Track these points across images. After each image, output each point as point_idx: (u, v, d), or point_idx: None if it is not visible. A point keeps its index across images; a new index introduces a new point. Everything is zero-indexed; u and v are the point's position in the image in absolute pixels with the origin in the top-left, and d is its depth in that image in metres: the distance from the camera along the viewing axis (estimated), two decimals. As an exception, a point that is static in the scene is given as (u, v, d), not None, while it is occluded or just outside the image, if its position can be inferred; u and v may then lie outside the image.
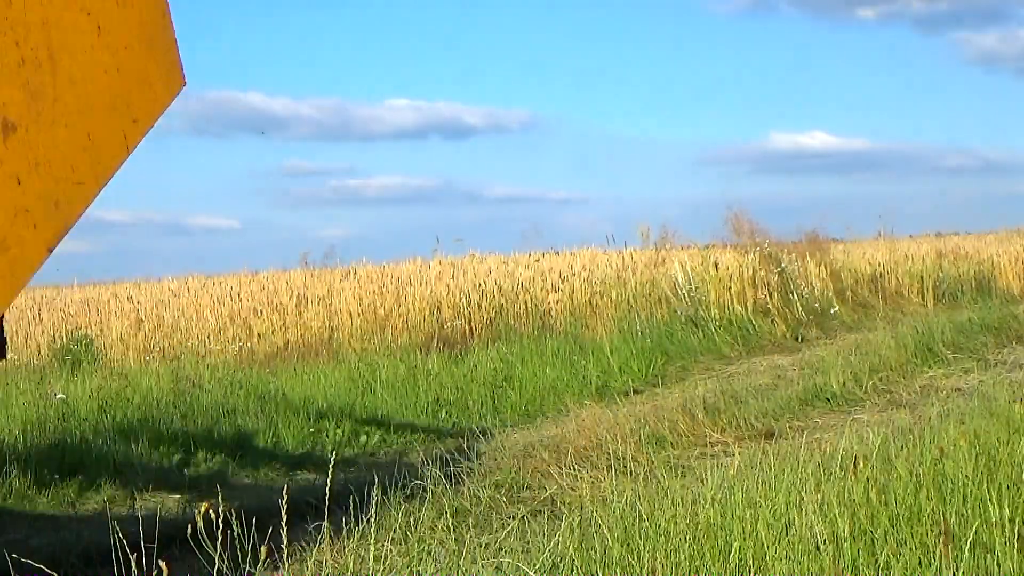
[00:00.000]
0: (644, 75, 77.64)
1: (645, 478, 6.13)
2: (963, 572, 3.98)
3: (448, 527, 5.16)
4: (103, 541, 6.38)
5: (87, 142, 4.32)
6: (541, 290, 17.41)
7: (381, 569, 4.42)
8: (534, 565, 4.21)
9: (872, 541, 4.29)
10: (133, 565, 5.74)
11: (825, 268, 18.37)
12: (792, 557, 4.17)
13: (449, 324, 16.20)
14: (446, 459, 8.11)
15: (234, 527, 5.95)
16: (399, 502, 6.33)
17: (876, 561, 4.13)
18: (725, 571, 4.13)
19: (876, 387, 10.05)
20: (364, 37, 75.38)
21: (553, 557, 4.33)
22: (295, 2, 74.92)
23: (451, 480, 6.94)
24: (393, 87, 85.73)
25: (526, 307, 16.91)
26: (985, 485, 4.66)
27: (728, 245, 18.25)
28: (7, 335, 5.66)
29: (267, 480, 8.26)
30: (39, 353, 16.13)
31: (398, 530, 5.03)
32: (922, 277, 20.30)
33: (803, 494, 4.71)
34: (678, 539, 4.36)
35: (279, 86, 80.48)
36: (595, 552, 4.33)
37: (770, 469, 5.19)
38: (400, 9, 74.76)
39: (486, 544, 4.84)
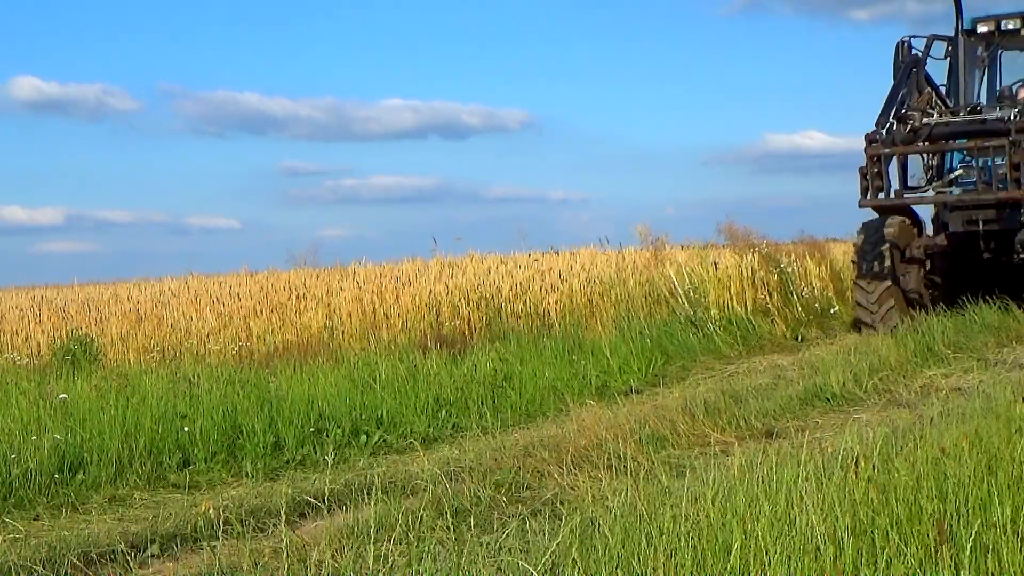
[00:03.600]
0: (642, 75, 77.72)
1: (645, 478, 6.13)
2: (964, 573, 3.98)
3: (448, 527, 5.16)
4: (103, 541, 6.40)
5: None
6: (540, 290, 17.40)
7: (381, 569, 4.42)
8: (535, 565, 4.21)
9: (873, 541, 4.29)
10: (133, 565, 5.74)
11: (825, 268, 18.35)
12: (792, 557, 4.17)
13: (448, 324, 16.19)
14: (446, 459, 8.12)
15: (235, 526, 5.96)
16: (399, 502, 6.33)
17: (877, 561, 4.13)
18: (725, 571, 4.13)
19: (876, 387, 10.04)
20: (361, 37, 75.40)
21: (554, 557, 4.33)
22: (292, 2, 74.90)
23: (451, 480, 6.94)
24: (391, 87, 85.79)
25: (525, 307, 16.91)
26: (986, 485, 4.67)
27: (727, 246, 18.25)
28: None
29: (267, 480, 8.25)
30: (39, 353, 16.12)
31: (398, 530, 5.03)
32: (922, 277, 20.27)
33: (803, 494, 4.71)
34: (678, 539, 4.36)
35: (276, 86, 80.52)
36: (595, 552, 4.33)
37: (770, 469, 5.19)
38: (398, 9, 74.76)
39: (486, 544, 4.84)
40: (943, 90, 14.67)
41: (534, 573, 4.14)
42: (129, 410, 9.36)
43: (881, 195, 13.35)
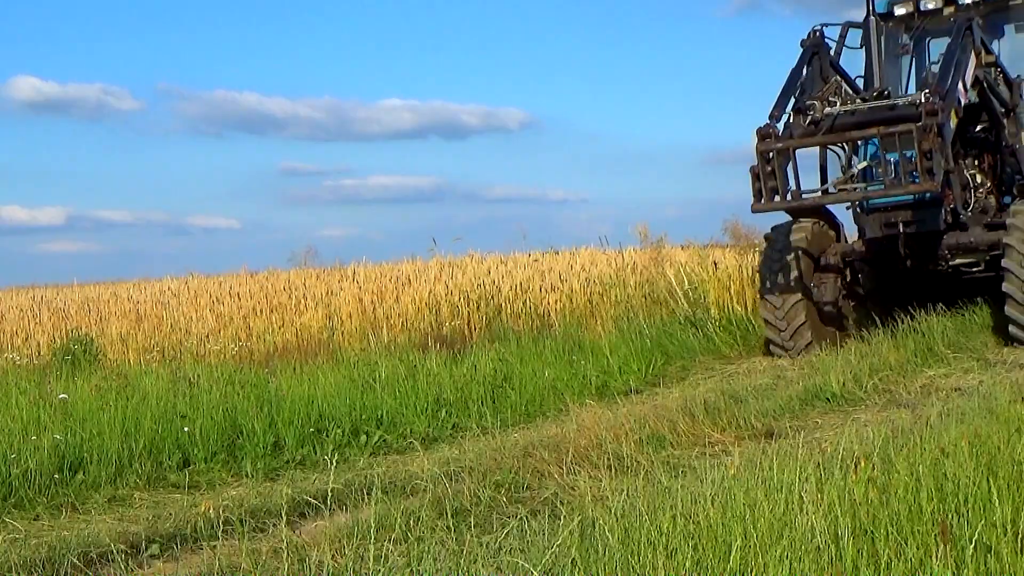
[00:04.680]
0: (642, 75, 77.79)
1: (645, 478, 6.13)
2: (964, 573, 3.98)
3: (448, 527, 5.16)
4: (103, 541, 6.39)
5: None
6: (540, 290, 17.42)
7: (381, 569, 4.42)
8: (535, 565, 4.21)
9: (873, 541, 4.30)
10: (133, 565, 5.75)
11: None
12: (792, 557, 4.18)
13: (448, 324, 16.21)
14: (446, 459, 8.12)
15: (235, 526, 5.96)
16: (399, 502, 6.33)
17: (877, 561, 4.14)
18: (725, 571, 4.13)
19: (876, 387, 10.04)
20: (361, 37, 75.44)
21: (554, 557, 4.33)
22: (292, 2, 74.95)
23: (451, 480, 6.94)
24: (390, 87, 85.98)
25: (525, 307, 16.92)
26: (986, 485, 4.67)
27: (727, 245, 18.26)
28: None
29: (267, 480, 8.25)
30: (39, 353, 16.14)
31: (398, 530, 5.03)
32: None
33: (803, 494, 4.71)
34: (678, 539, 4.36)
35: (275, 86, 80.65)
36: (595, 552, 4.33)
37: (770, 469, 5.19)
38: (397, 9, 74.80)
39: (486, 544, 4.84)
40: (860, 82, 12.95)
41: (534, 573, 4.15)
42: (129, 410, 9.36)
43: (777, 197, 11.09)
